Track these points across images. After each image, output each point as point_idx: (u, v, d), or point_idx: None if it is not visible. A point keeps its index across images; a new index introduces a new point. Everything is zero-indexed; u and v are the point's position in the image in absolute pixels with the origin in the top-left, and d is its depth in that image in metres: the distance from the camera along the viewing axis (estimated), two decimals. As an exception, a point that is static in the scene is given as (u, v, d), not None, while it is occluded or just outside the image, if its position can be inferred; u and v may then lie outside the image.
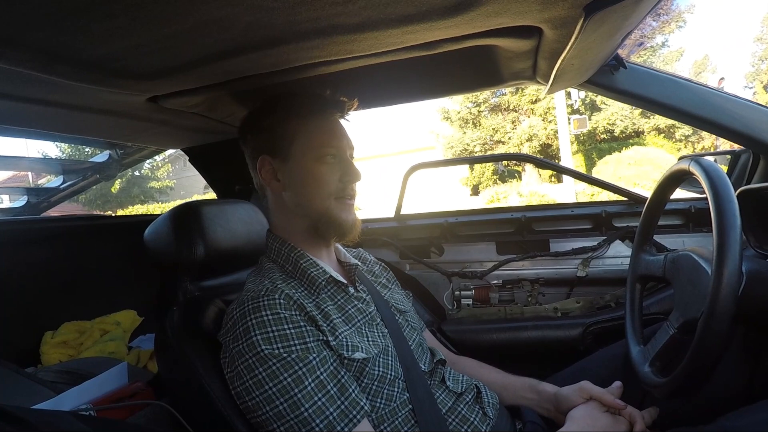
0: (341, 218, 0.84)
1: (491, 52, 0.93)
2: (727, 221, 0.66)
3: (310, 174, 0.83)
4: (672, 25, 15.00)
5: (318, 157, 0.83)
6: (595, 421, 0.82)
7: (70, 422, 0.55)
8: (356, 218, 0.87)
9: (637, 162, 10.40)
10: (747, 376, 0.87)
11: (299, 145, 0.83)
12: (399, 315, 0.93)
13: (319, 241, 0.88)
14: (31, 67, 0.66)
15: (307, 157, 0.83)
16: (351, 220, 0.86)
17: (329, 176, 0.83)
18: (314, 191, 0.83)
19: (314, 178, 0.83)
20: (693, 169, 0.77)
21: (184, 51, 0.70)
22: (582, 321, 1.37)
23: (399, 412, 0.76)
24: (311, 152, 0.83)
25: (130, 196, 15.28)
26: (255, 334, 0.69)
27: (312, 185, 0.83)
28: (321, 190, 0.83)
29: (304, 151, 0.83)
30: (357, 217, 0.88)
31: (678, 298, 0.83)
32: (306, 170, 0.83)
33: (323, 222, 0.84)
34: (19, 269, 1.46)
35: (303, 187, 0.84)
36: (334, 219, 0.84)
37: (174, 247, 0.88)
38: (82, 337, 1.50)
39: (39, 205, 1.89)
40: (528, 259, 1.56)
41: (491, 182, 13.93)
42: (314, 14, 0.60)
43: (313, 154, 0.83)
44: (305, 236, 0.86)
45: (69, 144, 11.01)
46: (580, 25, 0.68)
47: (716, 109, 1.16)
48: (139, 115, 1.01)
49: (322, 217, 0.84)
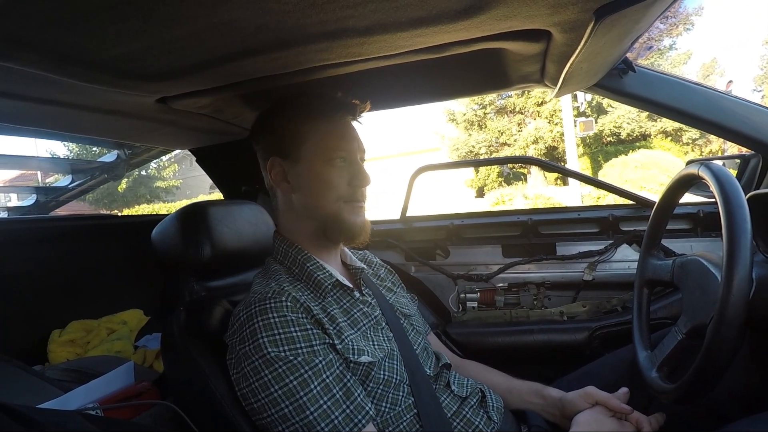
0: (350, 221, 0.84)
1: (500, 55, 0.93)
2: (737, 226, 0.65)
3: (319, 176, 0.82)
4: (680, 27, 14.90)
5: (328, 160, 0.82)
6: (601, 425, 0.81)
7: (78, 422, 0.55)
8: (366, 221, 0.87)
9: (644, 165, 10.33)
10: (757, 383, 0.86)
11: (309, 147, 0.83)
12: (404, 319, 0.93)
13: (326, 244, 0.87)
14: (42, 68, 0.67)
15: (317, 159, 0.83)
16: (360, 224, 0.85)
17: (338, 179, 0.83)
18: (323, 194, 0.83)
19: (323, 180, 0.82)
20: (702, 173, 0.77)
21: (194, 53, 0.70)
22: (588, 325, 1.36)
23: (404, 416, 0.76)
24: (321, 154, 0.83)
25: (136, 195, 15.36)
26: (262, 336, 0.69)
27: (321, 188, 0.83)
28: (330, 192, 0.83)
29: (314, 153, 0.83)
30: (366, 220, 0.87)
31: (686, 303, 0.83)
32: (315, 172, 0.83)
33: (331, 225, 0.84)
34: (27, 268, 1.47)
35: (312, 189, 0.83)
36: (343, 222, 0.83)
37: (181, 247, 0.89)
38: (89, 335, 1.51)
39: (47, 204, 1.90)
40: (534, 263, 1.55)
41: (496, 184, 13.89)
42: (324, 17, 0.61)
43: (323, 157, 0.82)
44: (312, 238, 0.86)
45: (77, 144, 11.08)
46: (590, 28, 0.67)
47: (725, 112, 1.15)
48: (148, 116, 1.02)
49: (331, 219, 0.83)
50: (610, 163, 11.36)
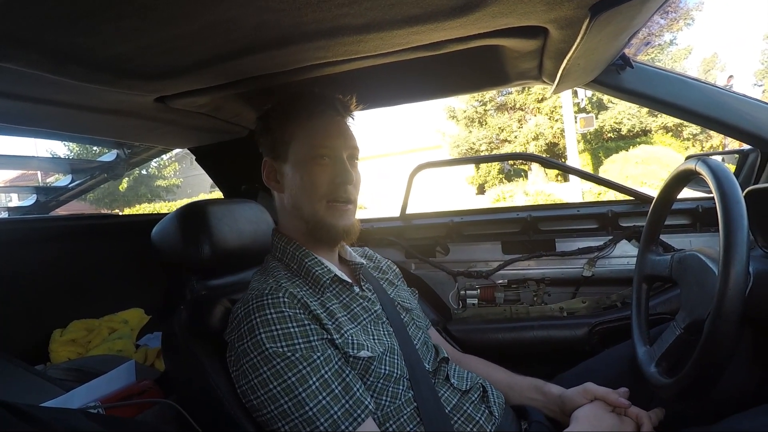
0: (330, 223, 0.83)
1: (497, 52, 0.93)
2: (734, 222, 0.65)
3: (304, 175, 0.82)
4: (680, 22, 14.86)
5: (312, 158, 0.82)
6: (601, 421, 0.82)
7: (80, 420, 0.56)
8: (351, 223, 0.85)
9: (645, 161, 10.32)
10: (757, 378, 0.86)
11: (296, 147, 0.84)
12: (405, 313, 0.93)
13: (321, 242, 0.88)
14: (42, 69, 0.67)
15: (302, 158, 0.83)
16: (342, 226, 0.84)
17: (321, 177, 0.82)
18: (306, 193, 0.82)
19: (307, 179, 0.82)
20: (700, 168, 0.77)
21: (193, 52, 0.71)
22: (588, 321, 1.36)
23: (404, 409, 0.77)
24: (306, 153, 0.83)
25: (137, 194, 15.37)
26: (259, 332, 0.69)
27: (305, 187, 0.82)
28: (312, 192, 0.82)
29: (300, 152, 0.83)
30: (353, 222, 0.86)
31: (685, 298, 0.83)
32: (301, 172, 0.83)
33: (314, 226, 0.83)
34: (28, 268, 1.48)
35: (297, 189, 0.83)
36: (324, 224, 0.83)
37: (181, 246, 0.89)
38: (91, 335, 1.52)
39: (48, 204, 1.91)
40: (534, 259, 1.56)
41: (497, 181, 13.88)
42: (320, 15, 0.61)
43: (307, 155, 0.82)
44: (307, 237, 0.86)
45: (77, 143, 11.09)
46: (586, 25, 0.68)
47: (724, 108, 1.15)
48: (147, 115, 1.02)
49: (312, 221, 0.83)
50: (611, 159, 11.35)
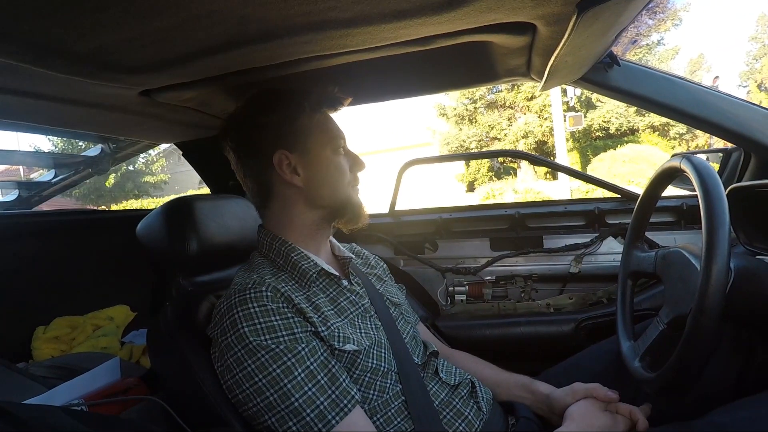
0: (359, 202, 0.90)
1: (485, 48, 0.93)
2: (716, 219, 0.66)
3: (331, 165, 0.86)
4: (668, 23, 15.03)
5: (334, 149, 0.87)
6: (595, 419, 0.82)
7: (59, 417, 0.55)
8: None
9: (632, 159, 10.45)
10: (738, 372, 0.87)
11: (317, 139, 0.85)
12: (393, 308, 0.94)
13: (321, 233, 0.89)
14: (21, 60, 0.65)
15: (326, 149, 0.86)
16: (363, 204, 0.92)
17: (345, 166, 0.88)
18: (337, 180, 0.86)
19: (336, 168, 0.86)
20: (684, 166, 0.78)
21: (177, 44, 0.69)
22: (574, 317, 1.38)
23: (392, 403, 0.77)
24: (329, 144, 0.86)
25: (124, 190, 15.19)
26: (242, 326, 0.69)
27: (334, 176, 0.86)
28: (342, 179, 0.87)
29: (323, 143, 0.86)
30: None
31: (668, 294, 0.84)
32: (327, 162, 0.86)
33: (343, 209, 0.88)
34: (10, 264, 1.45)
35: (326, 177, 0.86)
36: (355, 204, 0.89)
37: (167, 242, 0.88)
38: (75, 332, 1.49)
39: (30, 200, 1.87)
40: (521, 256, 1.57)
41: (487, 179, 13.95)
42: (307, 8, 0.60)
43: (330, 146, 0.86)
44: (308, 230, 0.87)
45: (61, 138, 10.92)
46: (573, 21, 0.68)
47: (709, 107, 1.16)
48: (132, 109, 1.00)
49: (343, 204, 0.88)
50: (599, 158, 11.48)
